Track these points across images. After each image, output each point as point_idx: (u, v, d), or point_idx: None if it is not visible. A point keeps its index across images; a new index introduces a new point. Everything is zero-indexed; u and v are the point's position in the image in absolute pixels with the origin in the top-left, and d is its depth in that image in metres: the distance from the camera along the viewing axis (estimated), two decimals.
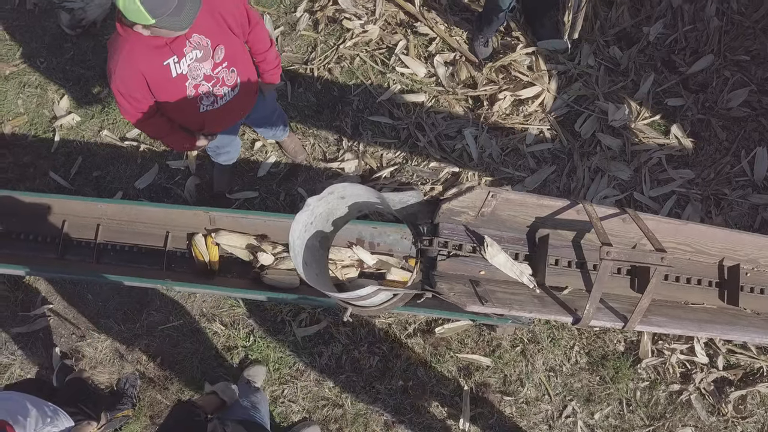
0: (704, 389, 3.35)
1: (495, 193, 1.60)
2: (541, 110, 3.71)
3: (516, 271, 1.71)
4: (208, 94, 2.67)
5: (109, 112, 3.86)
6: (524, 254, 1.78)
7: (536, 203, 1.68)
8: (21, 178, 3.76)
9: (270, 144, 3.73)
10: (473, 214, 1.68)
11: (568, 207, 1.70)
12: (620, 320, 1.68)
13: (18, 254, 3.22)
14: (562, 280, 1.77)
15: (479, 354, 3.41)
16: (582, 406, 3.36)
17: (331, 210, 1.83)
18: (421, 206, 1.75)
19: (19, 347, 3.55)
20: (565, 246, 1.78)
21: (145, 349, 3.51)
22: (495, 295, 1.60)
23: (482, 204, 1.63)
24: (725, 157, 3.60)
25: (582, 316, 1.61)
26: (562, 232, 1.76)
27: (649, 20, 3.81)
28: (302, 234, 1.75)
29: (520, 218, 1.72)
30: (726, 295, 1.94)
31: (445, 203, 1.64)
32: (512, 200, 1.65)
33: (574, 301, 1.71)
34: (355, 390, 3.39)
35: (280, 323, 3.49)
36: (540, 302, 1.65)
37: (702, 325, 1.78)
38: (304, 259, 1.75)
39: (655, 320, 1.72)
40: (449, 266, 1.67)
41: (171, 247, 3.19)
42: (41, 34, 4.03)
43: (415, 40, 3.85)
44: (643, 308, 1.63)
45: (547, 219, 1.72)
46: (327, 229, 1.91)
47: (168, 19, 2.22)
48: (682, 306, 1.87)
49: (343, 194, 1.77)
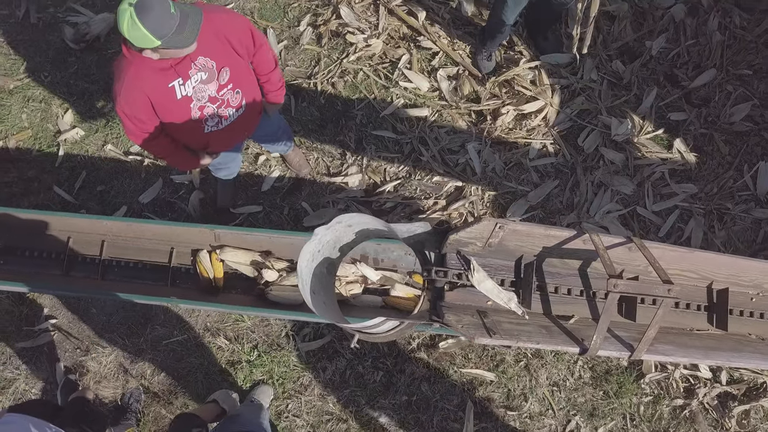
0: (707, 404, 3.35)
1: (502, 225, 1.62)
2: (544, 124, 3.72)
3: (503, 297, 1.71)
4: (213, 116, 2.68)
5: (113, 127, 3.87)
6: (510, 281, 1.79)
7: (543, 234, 1.69)
8: (25, 192, 3.77)
9: (274, 158, 3.74)
10: (480, 244, 1.69)
11: (574, 237, 1.71)
12: (627, 349, 1.69)
13: (23, 271, 3.23)
14: (568, 309, 1.78)
15: (483, 369, 3.42)
16: (586, 420, 3.36)
17: (339, 237, 1.85)
18: (429, 235, 1.76)
19: (24, 362, 3.55)
20: (571, 275, 1.79)
21: (150, 363, 3.51)
22: (502, 326, 1.61)
23: (490, 235, 1.64)
24: (728, 172, 3.61)
25: (589, 347, 1.62)
26: (569, 261, 1.77)
27: (652, 34, 3.82)
28: (309, 263, 1.76)
29: (527, 248, 1.73)
30: (714, 319, 1.95)
31: (453, 234, 1.65)
32: (519, 231, 1.66)
33: (581, 330, 1.72)
34: (360, 405, 3.40)
35: (284, 338, 3.50)
36: (547, 332, 1.65)
37: (708, 353, 1.79)
38: (311, 287, 1.76)
39: (661, 348, 1.73)
40: (457, 296, 1.68)
41: (175, 264, 3.19)
42: (45, 49, 4.04)
43: (418, 55, 3.86)
44: (650, 338, 1.64)
45: (554, 248, 1.73)
46: (334, 255, 1.92)
47: (173, 38, 2.23)
48: (687, 333, 1.88)
49: (351, 223, 1.78)
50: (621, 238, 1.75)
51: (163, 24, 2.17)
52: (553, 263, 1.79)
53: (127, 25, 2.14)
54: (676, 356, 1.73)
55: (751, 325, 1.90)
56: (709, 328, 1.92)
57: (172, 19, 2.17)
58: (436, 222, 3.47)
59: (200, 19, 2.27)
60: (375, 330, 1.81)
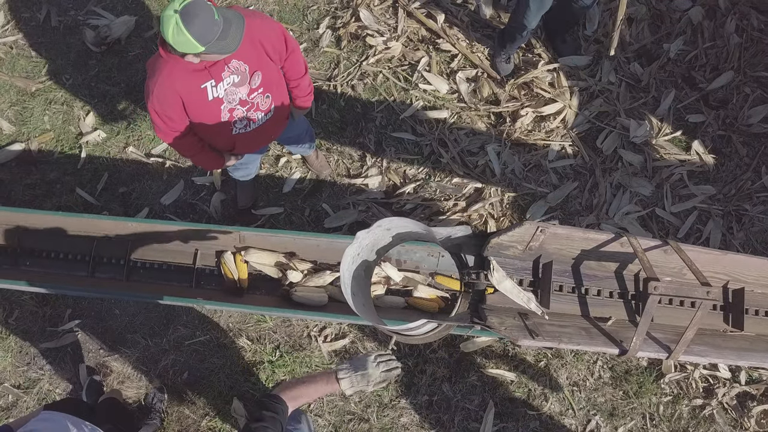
0: (727, 404, 3.38)
1: (543, 228, 1.64)
2: (562, 126, 3.75)
3: (523, 298, 1.73)
4: (242, 118, 2.71)
5: (134, 129, 3.90)
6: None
7: (582, 237, 1.71)
8: (48, 194, 3.81)
9: (294, 160, 3.77)
10: (521, 248, 1.71)
11: (612, 240, 1.74)
12: (664, 351, 1.71)
13: (49, 273, 3.27)
14: (605, 311, 1.81)
15: (504, 369, 3.45)
16: (606, 420, 3.39)
17: (377, 240, 1.87)
18: (467, 239, 1.78)
19: (48, 362, 3.59)
20: (608, 277, 1.82)
21: (172, 363, 3.54)
22: (544, 328, 1.64)
23: (531, 238, 1.67)
24: (746, 173, 3.64)
25: (629, 348, 1.65)
26: (606, 264, 1.80)
27: (670, 37, 3.85)
28: (350, 266, 1.79)
29: (566, 251, 1.76)
30: (731, 319, 1.98)
31: (494, 237, 1.68)
32: (559, 234, 1.69)
33: (619, 332, 1.75)
34: (381, 405, 3.43)
35: (306, 338, 3.53)
36: (587, 334, 1.68)
37: (741, 354, 1.82)
38: (352, 290, 1.79)
39: (696, 350, 1.76)
40: (498, 299, 1.71)
41: (200, 265, 3.23)
42: (66, 51, 4.08)
43: (437, 57, 3.89)
44: (688, 340, 1.67)
45: (592, 251, 1.75)
46: (371, 258, 1.95)
47: (216, 44, 2.26)
48: (720, 334, 1.90)
49: (390, 226, 1.81)
50: (657, 242, 1.78)
51: (207, 31, 2.20)
52: (590, 266, 1.82)
53: (172, 32, 2.17)
54: (711, 357, 1.76)
55: None
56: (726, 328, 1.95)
57: (216, 25, 2.21)
58: (473, 226, 3.51)
59: (243, 26, 2.30)
60: (414, 333, 1.84)
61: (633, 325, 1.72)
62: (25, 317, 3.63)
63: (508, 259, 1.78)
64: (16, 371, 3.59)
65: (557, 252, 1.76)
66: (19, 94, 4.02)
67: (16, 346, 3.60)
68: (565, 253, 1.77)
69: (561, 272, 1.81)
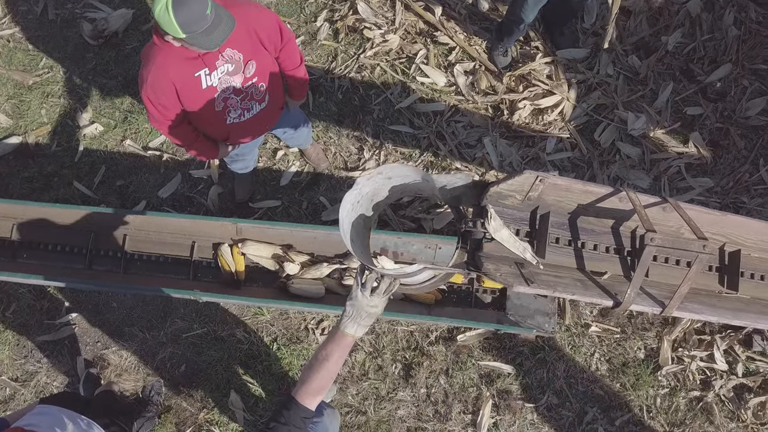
0: (724, 396, 3.38)
1: (543, 178, 1.65)
2: (560, 119, 3.74)
3: (519, 247, 1.72)
4: (236, 107, 2.71)
5: (131, 122, 3.90)
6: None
7: (581, 189, 1.73)
8: (45, 187, 3.80)
9: (292, 153, 3.77)
10: (520, 198, 1.72)
11: (611, 194, 1.75)
12: (658, 305, 1.72)
13: (46, 265, 3.27)
14: (602, 266, 1.82)
15: (501, 361, 3.45)
16: (603, 412, 3.39)
17: (376, 191, 1.86)
18: (467, 189, 1.78)
19: (45, 355, 3.59)
20: (605, 232, 1.84)
21: (170, 356, 3.54)
22: (539, 277, 1.65)
23: (530, 188, 1.68)
24: (744, 166, 3.63)
25: (623, 300, 1.66)
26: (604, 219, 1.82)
27: (668, 29, 3.84)
28: (350, 213, 1.79)
29: (564, 203, 1.77)
30: (726, 281, 1.98)
31: (494, 186, 1.69)
32: (559, 185, 1.70)
33: (614, 285, 1.76)
34: (378, 397, 3.43)
35: (304, 331, 3.53)
36: (582, 285, 1.70)
37: (737, 314, 1.83)
38: (351, 236, 1.79)
39: (691, 307, 1.77)
40: (495, 248, 1.71)
41: (197, 257, 3.24)
42: (63, 45, 4.07)
43: (435, 50, 3.89)
44: (682, 294, 1.67)
45: (590, 205, 1.77)
46: (369, 212, 1.95)
47: (198, 37, 2.27)
48: (716, 295, 1.91)
49: (390, 174, 1.80)
50: (656, 198, 1.79)
51: (193, 22, 2.21)
52: (588, 220, 1.83)
53: (159, 10, 2.20)
54: (706, 314, 1.76)
55: None
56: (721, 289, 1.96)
57: (204, 19, 2.21)
58: None
59: (232, 27, 2.31)
60: (411, 280, 1.84)
61: (628, 281, 1.75)
62: (23, 310, 3.63)
63: (506, 209, 1.79)
64: (13, 364, 3.59)
65: (555, 204, 1.77)
66: (16, 87, 4.02)
67: (13, 339, 3.61)
68: (564, 205, 1.78)
69: (558, 225, 1.82)
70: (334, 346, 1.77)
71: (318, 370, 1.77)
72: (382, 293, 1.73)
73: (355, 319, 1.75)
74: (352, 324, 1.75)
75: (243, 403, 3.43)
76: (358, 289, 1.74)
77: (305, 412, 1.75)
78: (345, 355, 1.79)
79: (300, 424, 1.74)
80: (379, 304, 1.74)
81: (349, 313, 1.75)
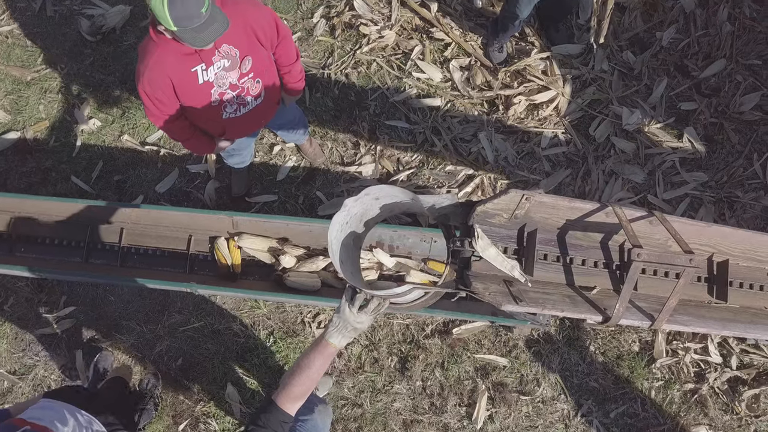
0: (718, 388, 3.40)
1: (529, 196, 1.66)
2: (555, 114, 3.77)
3: (507, 265, 1.72)
4: (232, 102, 2.73)
5: (129, 117, 3.92)
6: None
7: (568, 206, 1.73)
8: (43, 182, 3.83)
9: (288, 148, 3.79)
10: (507, 216, 1.73)
11: (598, 210, 1.76)
12: (647, 319, 1.73)
13: (44, 258, 3.28)
14: (590, 281, 1.83)
15: (496, 354, 3.47)
16: (597, 405, 3.41)
17: (365, 211, 1.88)
18: (455, 208, 1.79)
19: (43, 348, 3.61)
20: (593, 247, 1.84)
21: (167, 350, 3.56)
22: (528, 295, 1.66)
23: (516, 206, 1.69)
24: (738, 160, 3.66)
25: (612, 315, 1.67)
26: (591, 234, 1.82)
27: (662, 25, 3.86)
28: (338, 234, 1.81)
29: (551, 220, 1.78)
30: (715, 291, 1.99)
31: (480, 205, 1.70)
32: (545, 203, 1.70)
33: (603, 300, 1.77)
34: (374, 390, 3.45)
35: (300, 324, 3.55)
36: (571, 301, 1.71)
37: (726, 324, 1.84)
38: (340, 257, 1.81)
39: (680, 319, 1.78)
40: (483, 266, 1.72)
41: (194, 251, 3.25)
42: (62, 41, 4.10)
43: (430, 46, 3.91)
44: (671, 307, 1.69)
45: (577, 221, 1.78)
46: (359, 229, 1.97)
47: (190, 33, 2.29)
48: (705, 305, 1.92)
49: (378, 195, 1.82)
50: (642, 212, 1.80)
51: (186, 17, 2.24)
52: (576, 236, 1.84)
53: (155, 1, 2.21)
54: (695, 326, 1.78)
55: None
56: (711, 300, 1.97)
57: (197, 17, 2.24)
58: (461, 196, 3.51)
59: (224, 29, 2.33)
60: (401, 300, 1.86)
61: (617, 294, 1.75)
62: (21, 304, 3.65)
63: (493, 227, 1.80)
64: (11, 357, 3.61)
65: (543, 221, 1.78)
66: (14, 83, 4.04)
67: (11, 333, 3.63)
68: (551, 222, 1.79)
69: (546, 241, 1.82)
70: (317, 354, 1.80)
71: (299, 377, 1.79)
72: (370, 312, 1.75)
73: (341, 331, 1.78)
74: (337, 335, 1.78)
75: (240, 396, 3.45)
76: (347, 305, 1.76)
77: (284, 416, 1.77)
78: (328, 363, 1.82)
79: (278, 429, 1.76)
80: (365, 321, 1.77)
81: (336, 323, 1.78)
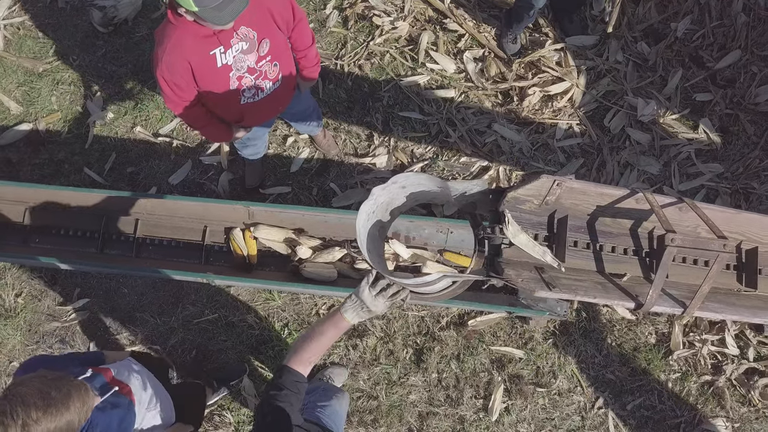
0: (735, 380, 3.38)
1: (560, 182, 1.65)
2: (570, 105, 3.75)
3: (539, 251, 1.72)
4: (250, 87, 2.71)
5: (142, 109, 3.90)
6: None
7: (597, 192, 1.72)
8: (56, 174, 3.81)
9: (302, 140, 3.78)
10: (537, 202, 1.72)
11: (627, 196, 1.75)
12: (679, 306, 1.72)
13: (59, 249, 3.27)
14: (620, 268, 1.81)
15: (512, 346, 3.45)
16: (614, 397, 3.40)
17: (392, 200, 1.87)
18: (482, 195, 1.78)
19: (57, 341, 3.59)
20: (623, 234, 1.83)
21: (181, 342, 3.55)
22: (560, 281, 1.65)
23: (547, 192, 1.68)
24: (753, 152, 3.64)
25: (644, 302, 1.65)
26: (620, 221, 1.80)
27: (677, 16, 3.85)
28: (366, 223, 1.79)
29: (581, 206, 1.77)
30: (744, 279, 1.98)
31: (511, 191, 1.68)
32: (575, 189, 1.69)
33: (634, 287, 1.75)
34: (390, 382, 3.44)
35: (315, 316, 3.54)
36: (603, 288, 1.69)
37: (756, 312, 1.83)
38: (367, 246, 1.79)
39: (711, 306, 1.77)
40: (514, 253, 1.71)
41: (209, 242, 3.24)
42: (73, 32, 4.08)
43: (444, 37, 3.89)
44: (704, 294, 1.67)
45: (607, 207, 1.76)
46: (385, 218, 1.95)
47: (211, 12, 2.27)
48: (735, 293, 1.91)
49: (405, 184, 1.80)
50: (672, 199, 1.78)
51: None
52: (605, 222, 1.82)
53: None
54: (726, 314, 1.77)
55: None
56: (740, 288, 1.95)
57: None
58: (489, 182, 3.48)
59: (244, 5, 2.30)
60: (429, 289, 1.84)
61: (648, 282, 1.73)
62: (35, 296, 3.64)
63: (523, 213, 1.79)
64: (25, 350, 3.60)
65: (573, 207, 1.76)
66: (26, 74, 4.02)
67: (25, 325, 3.61)
68: (581, 208, 1.78)
69: (576, 228, 1.81)
70: (330, 325, 1.82)
71: (311, 342, 1.82)
72: (388, 296, 1.76)
73: (356, 310, 1.80)
74: (352, 312, 1.80)
75: (255, 389, 3.44)
76: (367, 286, 1.77)
77: (297, 376, 1.79)
78: (339, 335, 1.85)
79: (294, 388, 1.77)
80: (380, 305, 1.78)
81: (353, 301, 1.80)
